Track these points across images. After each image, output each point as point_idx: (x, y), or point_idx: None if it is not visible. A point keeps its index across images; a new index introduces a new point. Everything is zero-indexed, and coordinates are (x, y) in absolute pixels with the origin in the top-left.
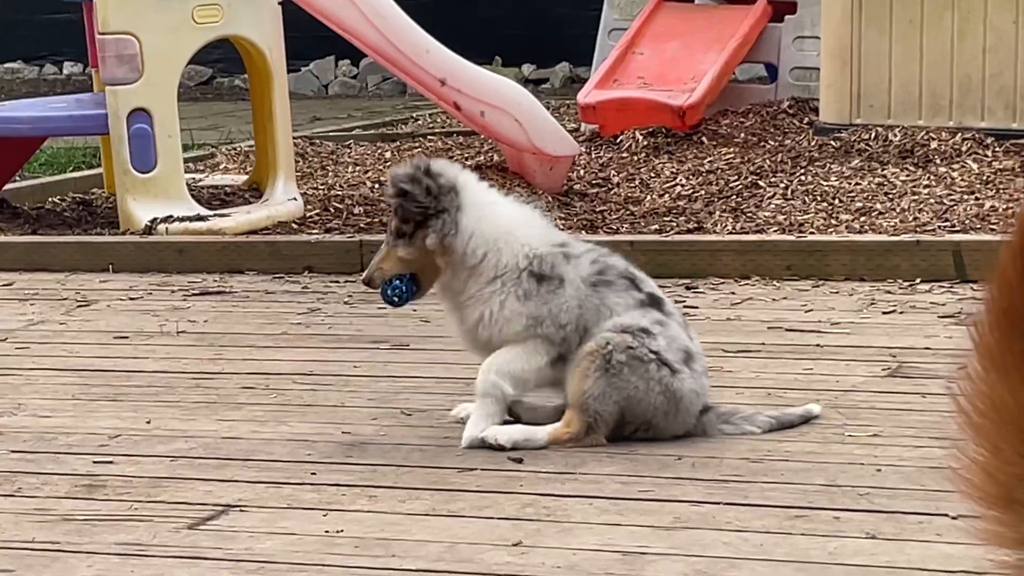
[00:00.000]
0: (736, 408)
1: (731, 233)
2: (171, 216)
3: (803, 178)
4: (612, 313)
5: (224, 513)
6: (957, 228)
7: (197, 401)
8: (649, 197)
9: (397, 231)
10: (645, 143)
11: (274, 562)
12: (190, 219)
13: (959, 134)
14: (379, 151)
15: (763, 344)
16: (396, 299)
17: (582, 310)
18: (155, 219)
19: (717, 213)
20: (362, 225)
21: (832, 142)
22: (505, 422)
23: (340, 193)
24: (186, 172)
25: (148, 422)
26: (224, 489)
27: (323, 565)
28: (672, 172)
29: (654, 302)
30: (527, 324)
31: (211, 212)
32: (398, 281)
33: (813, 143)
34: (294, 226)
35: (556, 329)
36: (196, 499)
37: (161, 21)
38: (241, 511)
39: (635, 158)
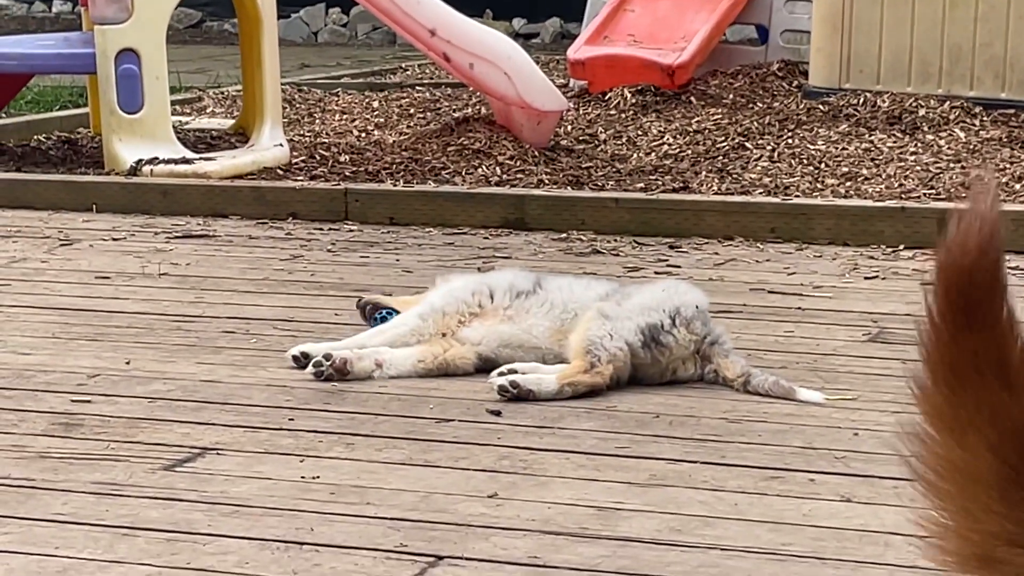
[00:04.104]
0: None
1: (716, 194)
2: (156, 158)
3: (790, 141)
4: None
5: (200, 456)
6: (942, 196)
7: (177, 344)
8: (636, 155)
9: None
10: (633, 101)
11: (249, 506)
12: (175, 162)
13: (947, 102)
14: (367, 100)
15: (744, 305)
16: None
17: None
18: (140, 160)
19: (703, 173)
20: (347, 173)
21: (820, 106)
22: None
23: (326, 141)
24: (173, 115)
25: (127, 363)
26: (201, 432)
27: (298, 510)
28: (659, 131)
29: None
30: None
31: (197, 155)
32: None
33: (801, 106)
34: (279, 172)
35: None
36: (173, 441)
37: None
38: (217, 454)
39: (623, 115)
